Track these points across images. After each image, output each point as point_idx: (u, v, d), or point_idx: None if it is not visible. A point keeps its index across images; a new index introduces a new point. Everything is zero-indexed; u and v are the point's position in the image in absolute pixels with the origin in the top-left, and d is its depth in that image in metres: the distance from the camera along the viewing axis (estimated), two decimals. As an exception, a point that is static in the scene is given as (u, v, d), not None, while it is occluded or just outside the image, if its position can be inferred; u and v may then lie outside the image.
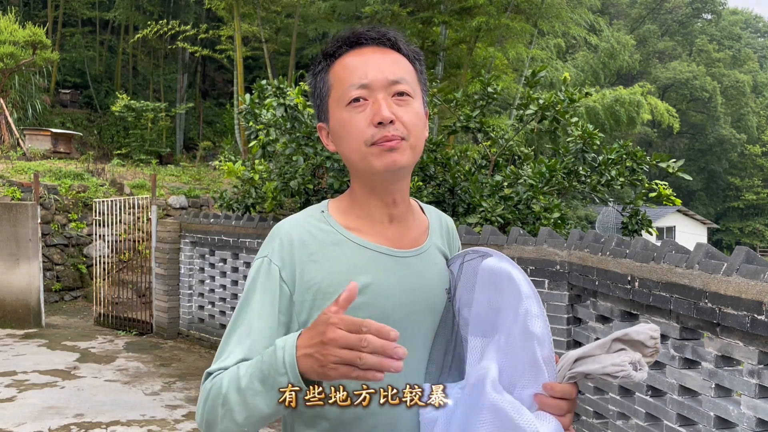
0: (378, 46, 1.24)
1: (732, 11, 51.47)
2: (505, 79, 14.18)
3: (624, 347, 1.10)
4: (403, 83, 1.21)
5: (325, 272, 1.20)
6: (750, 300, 2.68)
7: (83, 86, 22.19)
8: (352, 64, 1.22)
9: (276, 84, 6.10)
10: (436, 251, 1.33)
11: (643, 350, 1.10)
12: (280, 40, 18.18)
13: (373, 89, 1.19)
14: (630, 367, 1.07)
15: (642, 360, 1.09)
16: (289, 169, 6.42)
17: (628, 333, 1.09)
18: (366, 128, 1.18)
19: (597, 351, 1.10)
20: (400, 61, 1.24)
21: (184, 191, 13.35)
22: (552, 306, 4.25)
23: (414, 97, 1.23)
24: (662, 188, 6.22)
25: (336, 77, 1.24)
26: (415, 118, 1.21)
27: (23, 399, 5.56)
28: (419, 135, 1.23)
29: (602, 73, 26.10)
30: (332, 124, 1.25)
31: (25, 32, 14.87)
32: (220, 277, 7.56)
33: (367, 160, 1.19)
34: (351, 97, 1.20)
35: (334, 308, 0.99)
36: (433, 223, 1.38)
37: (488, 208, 5.57)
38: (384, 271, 1.23)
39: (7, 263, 8.67)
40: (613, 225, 20.08)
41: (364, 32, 1.24)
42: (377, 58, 1.22)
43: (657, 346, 1.10)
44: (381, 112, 1.17)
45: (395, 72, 1.21)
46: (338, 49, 1.25)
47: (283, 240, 1.22)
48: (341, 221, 1.27)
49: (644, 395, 3.49)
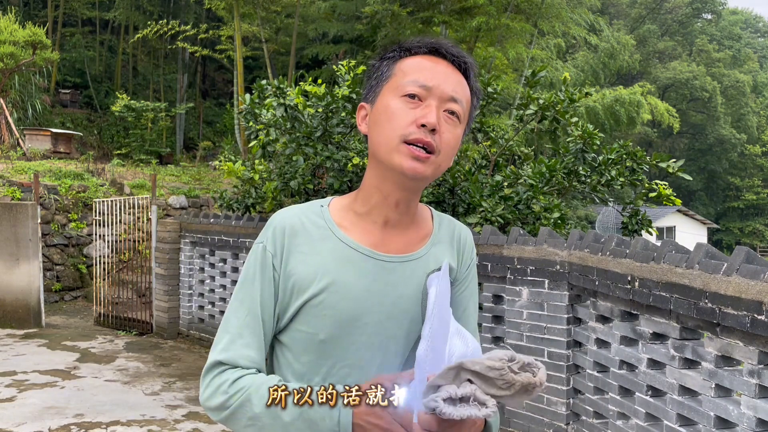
0: (452, 63, 1.26)
1: (732, 11, 51.47)
2: (505, 79, 14.17)
3: (470, 378, 1.00)
4: (459, 105, 1.24)
5: (305, 264, 1.23)
6: (750, 300, 2.68)
7: (83, 86, 22.19)
8: (423, 64, 1.25)
9: (276, 84, 6.10)
10: (431, 260, 1.29)
11: (494, 382, 0.98)
12: (280, 40, 18.17)
13: (432, 95, 1.21)
14: (441, 403, 0.98)
15: (479, 394, 0.98)
16: (289, 169, 6.42)
17: (464, 363, 1.00)
18: (408, 125, 1.20)
19: (440, 381, 1.01)
20: (464, 85, 1.27)
21: (184, 191, 13.35)
22: (552, 306, 4.25)
23: (461, 123, 1.26)
24: (662, 188, 6.22)
25: (402, 69, 1.25)
26: (453, 140, 1.24)
27: (23, 399, 5.56)
28: (449, 156, 1.25)
29: (602, 73, 26.09)
30: (377, 108, 1.26)
31: (25, 32, 14.87)
32: (220, 277, 7.56)
33: (393, 154, 1.20)
34: (408, 91, 1.21)
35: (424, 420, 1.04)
36: (440, 234, 1.34)
37: (488, 208, 5.56)
38: (359, 272, 1.23)
39: (7, 263, 8.67)
40: (613, 225, 20.08)
41: (446, 44, 1.28)
42: (448, 72, 1.25)
43: (506, 378, 0.98)
44: (429, 116, 1.19)
45: (457, 91, 1.24)
46: (416, 47, 1.27)
47: (276, 228, 1.27)
48: (336, 217, 1.29)
49: (644, 395, 3.49)
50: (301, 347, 1.23)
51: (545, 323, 4.30)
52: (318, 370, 1.22)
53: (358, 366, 1.21)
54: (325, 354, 1.21)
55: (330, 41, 17.66)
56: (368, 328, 1.21)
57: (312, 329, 1.21)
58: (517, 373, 0.98)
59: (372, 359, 1.21)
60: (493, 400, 0.99)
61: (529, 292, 4.39)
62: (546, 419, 4.27)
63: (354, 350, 1.21)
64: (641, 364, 3.53)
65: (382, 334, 1.22)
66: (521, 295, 4.43)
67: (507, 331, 4.56)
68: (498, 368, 0.98)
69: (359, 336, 1.21)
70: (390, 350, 1.23)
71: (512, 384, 0.98)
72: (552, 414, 4.24)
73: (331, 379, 1.20)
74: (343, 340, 1.21)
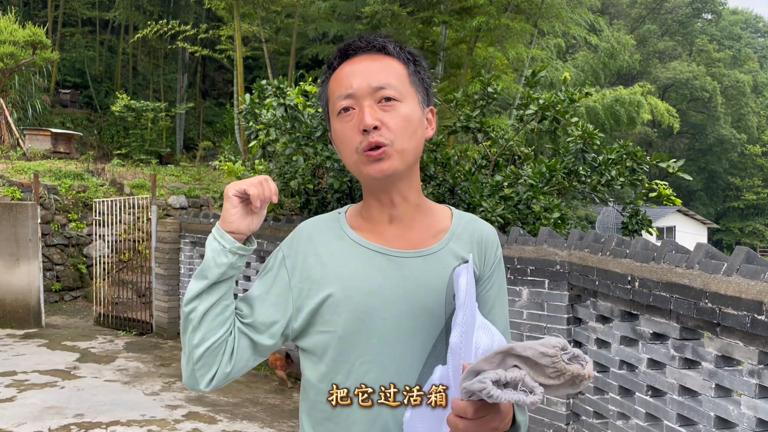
0: (367, 53, 1.27)
1: (732, 11, 51.48)
2: (505, 79, 14.17)
3: (517, 364, 0.97)
4: (389, 88, 1.23)
5: (321, 264, 1.27)
6: (750, 300, 2.68)
7: (83, 86, 22.18)
8: (341, 75, 1.27)
9: (276, 84, 6.10)
10: (449, 256, 1.29)
11: (543, 369, 0.95)
12: (280, 40, 18.15)
13: (359, 97, 1.23)
14: (491, 385, 0.93)
15: (528, 380, 0.95)
16: (289, 169, 6.42)
17: (514, 348, 0.97)
18: (355, 136, 1.23)
19: (484, 366, 0.98)
20: (389, 65, 1.26)
21: (184, 191, 13.35)
22: (552, 306, 4.25)
23: (402, 101, 1.25)
24: (662, 188, 6.22)
25: (330, 89, 1.30)
26: (401, 122, 1.23)
27: (23, 399, 5.56)
28: (407, 138, 1.24)
29: (602, 73, 26.11)
30: (333, 134, 1.32)
31: (25, 32, 14.86)
32: (220, 277, 7.55)
33: (359, 167, 1.25)
34: (340, 107, 1.25)
35: None
36: (457, 229, 1.34)
37: (488, 208, 5.56)
38: (372, 268, 1.25)
39: (7, 263, 8.67)
40: (613, 225, 20.08)
41: (353, 42, 1.29)
42: (365, 66, 1.25)
43: (557, 365, 0.94)
44: (364, 119, 1.21)
45: (380, 78, 1.24)
46: (335, 60, 1.30)
47: (296, 234, 1.34)
48: (350, 221, 1.34)
49: (644, 395, 3.49)
50: (322, 348, 1.26)
51: (545, 323, 4.30)
52: (340, 368, 1.24)
53: (378, 361, 1.22)
54: (345, 351, 1.23)
55: (330, 41, 17.65)
56: (386, 323, 1.23)
57: (330, 328, 1.24)
58: (568, 363, 0.95)
59: (391, 354, 1.22)
60: (541, 388, 0.95)
61: (529, 292, 4.39)
62: (546, 419, 4.27)
63: (373, 345, 1.22)
64: (641, 364, 3.53)
65: (399, 328, 1.23)
66: (521, 295, 4.43)
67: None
68: (551, 355, 0.94)
69: (377, 331, 1.22)
70: (409, 345, 1.23)
71: (562, 373, 0.95)
72: (552, 414, 4.24)
73: (352, 376, 1.22)
74: (361, 336, 1.22)
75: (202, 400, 5.68)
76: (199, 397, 5.76)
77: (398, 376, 1.21)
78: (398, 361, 1.22)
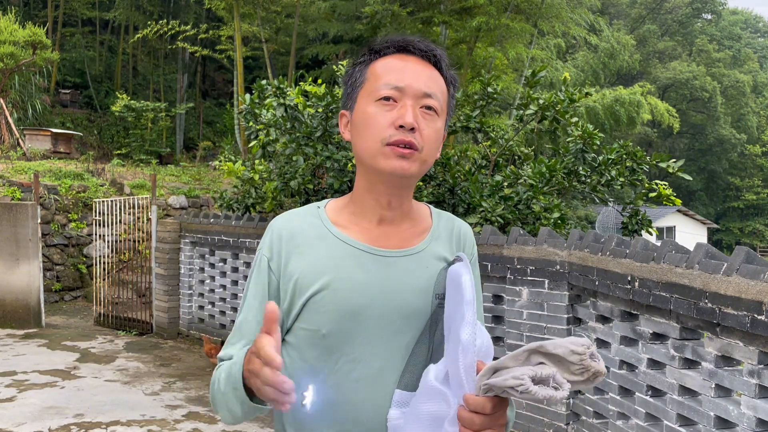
0: (422, 58, 1.28)
1: (732, 11, 51.48)
2: (505, 79, 14.19)
3: (543, 361, 1.00)
4: (435, 99, 1.25)
5: (304, 264, 1.26)
6: (750, 300, 2.68)
7: (83, 86, 22.18)
8: (393, 65, 1.26)
9: (276, 84, 6.10)
10: (430, 256, 1.30)
11: (568, 366, 0.99)
12: (280, 40, 18.15)
13: (405, 94, 1.23)
14: (529, 381, 0.96)
15: (558, 376, 0.98)
16: (289, 169, 6.42)
17: (543, 345, 1.00)
18: (387, 128, 1.22)
19: (510, 363, 1.01)
20: (437, 78, 1.28)
21: (184, 191, 13.35)
22: (552, 306, 4.25)
23: (439, 116, 1.27)
24: (662, 188, 6.22)
25: (374, 72, 1.27)
26: (434, 134, 1.25)
27: (23, 399, 5.56)
28: (433, 151, 1.26)
29: (602, 73, 26.11)
30: (356, 115, 1.28)
31: (25, 32, 14.86)
32: (220, 277, 7.56)
33: (377, 158, 1.23)
34: (382, 95, 1.23)
35: (262, 331, 1.04)
36: (438, 229, 1.36)
37: (488, 208, 5.57)
38: (358, 267, 1.25)
39: (7, 263, 8.67)
40: (613, 225, 20.09)
41: (413, 41, 1.29)
42: (418, 68, 1.26)
43: (585, 363, 0.98)
44: (406, 116, 1.21)
45: (431, 86, 1.25)
46: (385, 48, 1.29)
47: (274, 233, 1.31)
48: (332, 217, 1.32)
49: (644, 395, 3.49)
50: (305, 345, 1.25)
51: (545, 323, 4.30)
52: (323, 366, 1.23)
53: (362, 360, 1.22)
54: (328, 350, 1.23)
55: (330, 41, 17.65)
56: (370, 321, 1.23)
57: (314, 326, 1.23)
58: (594, 361, 1.00)
59: (375, 353, 1.22)
60: (569, 384, 0.99)
61: (529, 292, 4.39)
62: (546, 419, 4.27)
63: (357, 344, 1.22)
64: (641, 364, 3.53)
65: (384, 328, 1.23)
66: (521, 295, 4.43)
67: (507, 331, 4.56)
68: (580, 353, 0.98)
69: (361, 330, 1.22)
70: (393, 344, 1.23)
71: (587, 370, 0.99)
72: (552, 414, 4.24)
73: (336, 374, 1.22)
74: (345, 335, 1.22)
75: (202, 400, 5.68)
76: (199, 397, 5.77)
77: (382, 375, 1.21)
78: (382, 360, 1.22)
